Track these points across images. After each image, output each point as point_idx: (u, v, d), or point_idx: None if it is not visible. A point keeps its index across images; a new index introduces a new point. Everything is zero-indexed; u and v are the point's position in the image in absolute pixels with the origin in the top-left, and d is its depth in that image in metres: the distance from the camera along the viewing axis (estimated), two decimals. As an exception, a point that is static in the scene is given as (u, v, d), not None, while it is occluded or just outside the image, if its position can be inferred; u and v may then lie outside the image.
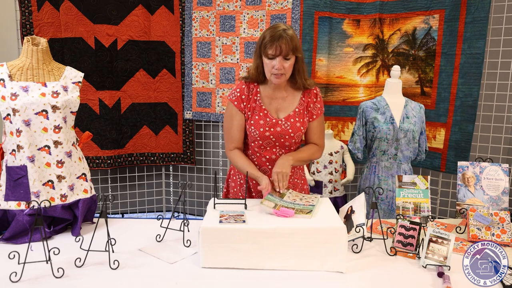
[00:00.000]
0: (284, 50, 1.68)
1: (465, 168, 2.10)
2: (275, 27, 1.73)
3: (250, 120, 1.85)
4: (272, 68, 1.73)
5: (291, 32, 1.71)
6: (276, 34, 1.68)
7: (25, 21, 3.05)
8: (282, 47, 1.67)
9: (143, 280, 1.42)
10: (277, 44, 1.67)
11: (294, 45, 1.70)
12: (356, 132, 2.60)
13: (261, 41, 1.74)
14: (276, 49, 1.68)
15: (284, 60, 1.71)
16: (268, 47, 1.70)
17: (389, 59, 3.21)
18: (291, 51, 1.70)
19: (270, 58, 1.71)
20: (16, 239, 1.72)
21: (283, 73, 1.73)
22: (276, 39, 1.67)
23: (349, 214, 1.74)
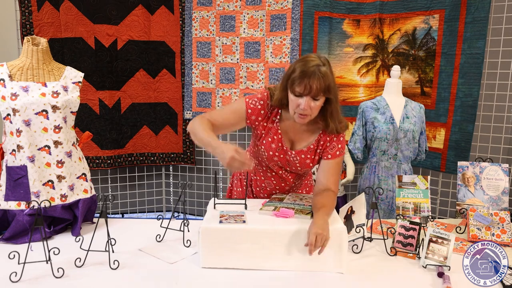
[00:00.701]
0: (314, 90, 1.45)
1: (465, 168, 2.11)
2: (307, 60, 1.48)
3: (263, 139, 1.69)
4: (297, 106, 1.50)
5: (325, 69, 1.47)
6: (308, 70, 1.45)
7: (25, 21, 3.05)
8: (313, 86, 1.45)
9: (143, 280, 1.42)
10: (307, 82, 1.45)
11: (326, 85, 1.46)
12: (356, 132, 2.60)
13: (289, 73, 1.52)
14: (305, 88, 1.45)
15: (312, 100, 1.48)
16: (296, 83, 1.47)
17: (389, 59, 3.21)
18: (321, 92, 1.47)
19: (296, 95, 1.49)
20: (16, 239, 1.72)
21: (309, 114, 1.51)
22: (306, 76, 1.45)
23: (349, 214, 1.74)
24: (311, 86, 1.45)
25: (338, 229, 1.49)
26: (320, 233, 1.39)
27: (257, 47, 3.27)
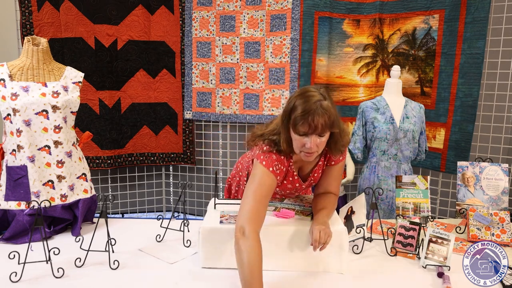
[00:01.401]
0: (320, 128, 1.38)
1: (465, 168, 2.11)
2: (308, 96, 1.41)
3: (278, 183, 1.60)
4: (302, 146, 1.43)
5: (327, 103, 1.40)
6: (310, 108, 1.37)
7: (25, 21, 3.05)
8: (317, 124, 1.37)
9: (143, 280, 1.42)
10: (311, 121, 1.37)
11: (331, 121, 1.40)
12: (356, 132, 2.60)
13: (289, 111, 1.44)
14: (309, 127, 1.38)
15: (318, 137, 1.41)
16: (299, 123, 1.39)
17: (389, 59, 3.21)
18: (327, 128, 1.41)
19: (301, 135, 1.42)
20: (16, 239, 1.72)
21: (316, 151, 1.44)
22: (310, 114, 1.37)
23: (349, 215, 1.74)
24: (316, 124, 1.37)
25: (339, 230, 1.49)
26: (324, 229, 1.41)
27: (257, 47, 3.27)
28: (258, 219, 1.39)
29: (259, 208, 1.41)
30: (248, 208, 1.40)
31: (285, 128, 1.47)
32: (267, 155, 1.51)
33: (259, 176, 1.48)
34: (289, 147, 1.50)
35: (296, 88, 3.21)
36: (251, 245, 1.30)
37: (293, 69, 3.21)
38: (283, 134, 1.49)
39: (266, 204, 1.47)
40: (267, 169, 1.49)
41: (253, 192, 1.44)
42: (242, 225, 1.35)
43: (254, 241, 1.32)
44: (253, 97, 3.33)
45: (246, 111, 3.36)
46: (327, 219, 1.51)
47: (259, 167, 1.49)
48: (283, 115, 1.48)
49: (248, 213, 1.38)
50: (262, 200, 1.44)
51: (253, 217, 1.38)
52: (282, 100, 3.26)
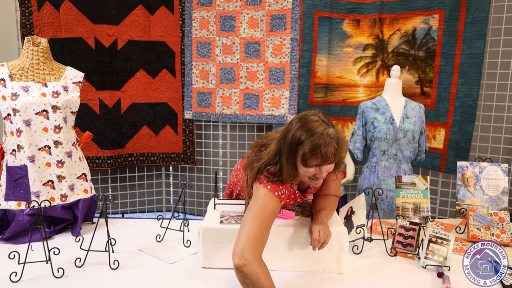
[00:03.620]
0: (332, 157, 1.36)
1: (464, 168, 2.11)
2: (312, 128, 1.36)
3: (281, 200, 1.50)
4: (313, 175, 1.41)
5: (332, 130, 1.37)
6: (319, 142, 1.33)
7: (25, 21, 3.05)
8: (329, 155, 1.35)
9: (143, 280, 1.42)
10: (323, 154, 1.34)
11: (339, 151, 1.38)
12: (356, 132, 2.60)
13: (294, 145, 1.38)
14: (322, 159, 1.35)
15: (326, 166, 1.39)
16: (310, 158, 1.35)
17: (389, 59, 3.21)
18: (338, 154, 1.38)
19: (311, 166, 1.38)
20: (16, 239, 1.72)
21: (322, 178, 1.43)
22: (320, 148, 1.34)
23: (349, 215, 1.74)
24: (328, 155, 1.35)
25: (339, 230, 1.49)
26: (323, 228, 1.40)
27: (257, 47, 3.27)
28: (260, 244, 1.30)
29: (261, 232, 1.32)
30: (249, 231, 1.30)
31: (290, 163, 1.41)
32: (271, 182, 1.44)
33: (262, 198, 1.40)
34: (292, 177, 1.44)
35: (296, 88, 3.21)
36: (258, 271, 1.23)
37: (293, 69, 3.21)
38: (287, 168, 1.42)
39: (269, 229, 1.36)
40: (272, 193, 1.42)
41: (256, 215, 1.34)
42: (243, 249, 1.25)
43: (259, 267, 1.24)
44: (253, 97, 3.33)
45: (246, 111, 3.36)
46: (326, 219, 1.51)
47: (263, 190, 1.42)
48: (286, 148, 1.41)
49: (249, 236, 1.28)
50: (267, 224, 1.35)
51: (255, 241, 1.28)
52: (282, 100, 3.27)
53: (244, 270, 1.23)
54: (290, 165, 1.41)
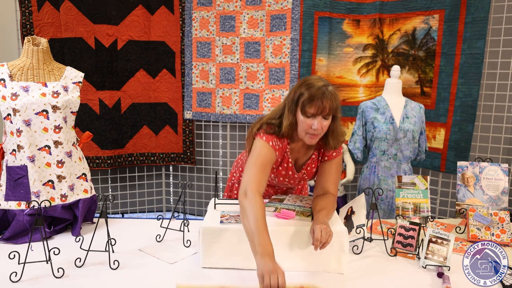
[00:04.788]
0: (327, 109, 1.51)
1: (464, 168, 2.11)
2: (313, 83, 1.54)
3: (274, 168, 1.70)
4: (309, 127, 1.54)
5: (332, 88, 1.54)
6: (318, 91, 1.51)
7: (25, 21, 3.05)
8: (326, 106, 1.50)
9: (143, 280, 1.42)
10: (320, 103, 1.50)
11: (337, 104, 1.54)
12: (356, 132, 2.60)
13: (296, 97, 1.56)
14: (318, 108, 1.50)
15: (323, 119, 1.53)
16: (307, 105, 1.51)
17: (389, 59, 3.21)
18: (333, 111, 1.54)
19: (308, 116, 1.53)
20: (16, 239, 1.72)
21: (320, 133, 1.56)
22: (318, 97, 1.50)
23: (349, 215, 1.74)
24: (324, 106, 1.50)
25: (339, 230, 1.49)
26: (325, 228, 1.43)
27: (257, 47, 3.27)
28: (259, 184, 1.51)
29: (260, 175, 1.53)
30: (249, 175, 1.52)
31: (292, 113, 1.58)
32: (267, 133, 1.63)
33: (259, 148, 1.59)
34: (290, 131, 1.61)
35: (296, 88, 3.21)
36: (254, 202, 1.42)
37: (293, 69, 3.21)
38: (288, 119, 1.59)
39: (267, 173, 1.57)
40: (267, 142, 1.60)
41: (254, 162, 1.55)
42: (245, 189, 1.48)
43: (256, 199, 1.44)
44: (253, 97, 3.33)
45: (246, 111, 3.36)
46: (327, 219, 1.52)
47: (259, 141, 1.61)
48: (289, 102, 1.60)
49: (250, 180, 1.50)
50: (263, 168, 1.55)
51: (255, 182, 1.50)
52: (282, 100, 3.27)
53: (244, 203, 1.44)
54: (291, 115, 1.59)
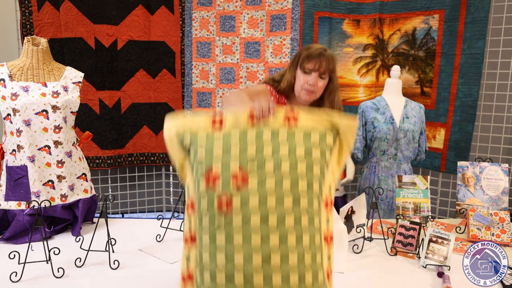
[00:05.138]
0: (324, 67, 1.66)
1: (465, 168, 2.11)
2: (312, 45, 1.73)
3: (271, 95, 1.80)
4: (305, 83, 1.68)
5: (330, 52, 1.70)
6: (317, 51, 1.67)
7: (25, 21, 3.05)
8: (322, 63, 1.65)
9: (143, 280, 1.42)
10: (317, 60, 1.65)
11: (333, 65, 1.68)
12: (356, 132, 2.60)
13: (297, 56, 1.72)
14: (315, 64, 1.66)
15: (319, 78, 1.68)
16: (306, 62, 1.67)
17: (389, 59, 3.21)
18: (328, 71, 1.68)
19: (306, 72, 1.68)
20: (16, 239, 1.72)
21: (315, 90, 1.69)
22: (316, 55, 1.66)
23: (349, 215, 1.74)
24: (321, 63, 1.65)
25: (339, 229, 1.49)
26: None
27: (257, 47, 3.27)
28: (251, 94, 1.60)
29: (252, 90, 1.68)
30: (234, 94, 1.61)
31: (291, 72, 1.73)
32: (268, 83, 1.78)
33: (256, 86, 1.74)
34: (288, 88, 1.75)
35: (296, 88, 3.21)
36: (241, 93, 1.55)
37: (293, 69, 3.21)
38: (287, 75, 1.74)
39: (259, 93, 1.70)
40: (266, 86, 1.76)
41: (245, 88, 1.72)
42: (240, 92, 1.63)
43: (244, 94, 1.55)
44: (253, 97, 3.33)
45: (246, 111, 3.35)
46: None
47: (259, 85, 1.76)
48: (291, 62, 1.75)
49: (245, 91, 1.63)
50: (254, 89, 1.72)
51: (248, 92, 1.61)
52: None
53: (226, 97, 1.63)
54: (290, 73, 1.72)
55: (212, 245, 1.00)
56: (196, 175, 1.06)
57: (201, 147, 1.06)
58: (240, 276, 0.96)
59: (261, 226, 0.98)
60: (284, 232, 0.98)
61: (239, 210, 0.99)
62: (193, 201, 1.07)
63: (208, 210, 1.02)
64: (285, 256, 0.97)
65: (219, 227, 0.99)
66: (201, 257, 1.02)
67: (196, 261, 1.04)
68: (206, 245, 1.01)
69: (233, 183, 1.00)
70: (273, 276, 0.97)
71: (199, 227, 1.03)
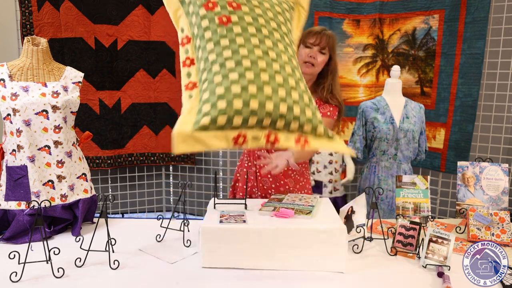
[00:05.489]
0: (323, 42, 1.83)
1: (465, 168, 2.11)
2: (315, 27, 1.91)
3: None
4: (307, 55, 1.84)
5: (331, 32, 1.87)
6: (318, 29, 1.87)
7: (25, 21, 3.05)
8: (322, 39, 1.83)
9: (143, 280, 1.42)
10: (318, 35, 1.83)
11: (332, 43, 1.85)
12: (356, 132, 2.60)
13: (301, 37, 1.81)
14: (316, 39, 1.83)
15: (319, 53, 1.84)
16: (308, 37, 1.84)
17: (389, 59, 3.21)
18: (328, 47, 1.84)
19: (307, 46, 1.84)
20: (16, 239, 1.72)
21: (314, 63, 1.84)
22: (318, 31, 1.84)
23: (349, 215, 1.74)
24: (322, 38, 1.82)
25: (338, 229, 1.49)
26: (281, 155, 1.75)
27: (257, 47, 3.27)
28: None
29: None
30: None
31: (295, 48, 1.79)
32: None
33: None
34: None
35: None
36: None
37: (293, 69, 3.21)
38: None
39: None
40: None
41: None
42: None
43: None
44: (253, 97, 3.33)
45: (246, 111, 3.36)
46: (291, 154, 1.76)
47: None
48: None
49: None
50: None
51: None
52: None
53: None
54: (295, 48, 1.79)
55: (217, 47, 1.25)
56: (194, 8, 1.34)
57: None
58: (247, 61, 1.23)
59: (257, 34, 1.28)
60: (274, 41, 1.32)
61: (238, 22, 1.28)
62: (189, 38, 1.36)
63: (209, 27, 1.28)
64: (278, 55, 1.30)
65: (222, 35, 1.26)
66: (206, 60, 1.26)
67: (198, 72, 1.30)
68: (210, 49, 1.26)
69: (229, 5, 1.30)
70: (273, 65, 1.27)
71: (201, 40, 1.29)
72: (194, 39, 1.33)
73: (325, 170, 3.07)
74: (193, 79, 1.30)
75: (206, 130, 1.17)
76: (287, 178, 2.00)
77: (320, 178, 3.07)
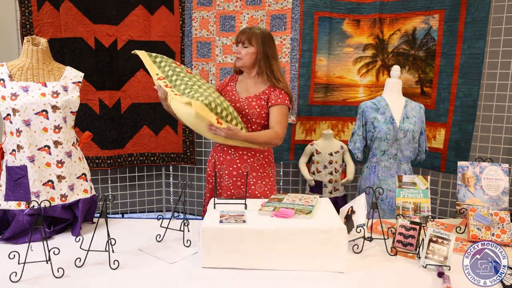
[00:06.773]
0: (244, 37, 2.11)
1: (465, 168, 2.11)
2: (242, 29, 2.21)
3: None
4: (236, 52, 2.17)
5: (255, 29, 2.12)
6: (243, 29, 2.16)
7: (25, 21, 3.05)
8: (243, 36, 2.12)
9: (143, 280, 1.42)
10: (240, 34, 2.14)
11: (250, 36, 2.10)
12: (356, 132, 2.60)
13: None
14: (238, 37, 2.15)
15: (243, 48, 2.12)
16: (237, 37, 2.16)
17: (389, 59, 3.21)
18: (246, 40, 2.10)
19: (237, 45, 2.16)
20: (16, 239, 1.72)
21: (241, 57, 2.13)
22: (241, 32, 2.14)
23: (349, 215, 1.74)
24: (242, 36, 2.12)
25: (339, 229, 1.49)
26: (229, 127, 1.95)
27: (257, 47, 3.28)
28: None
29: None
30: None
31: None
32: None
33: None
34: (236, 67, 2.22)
35: (296, 88, 3.21)
36: None
37: (293, 69, 3.21)
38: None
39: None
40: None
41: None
42: None
43: None
44: (253, 97, 3.34)
45: (246, 111, 3.37)
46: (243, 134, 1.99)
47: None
48: None
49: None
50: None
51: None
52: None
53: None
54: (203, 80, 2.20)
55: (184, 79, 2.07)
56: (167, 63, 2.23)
57: None
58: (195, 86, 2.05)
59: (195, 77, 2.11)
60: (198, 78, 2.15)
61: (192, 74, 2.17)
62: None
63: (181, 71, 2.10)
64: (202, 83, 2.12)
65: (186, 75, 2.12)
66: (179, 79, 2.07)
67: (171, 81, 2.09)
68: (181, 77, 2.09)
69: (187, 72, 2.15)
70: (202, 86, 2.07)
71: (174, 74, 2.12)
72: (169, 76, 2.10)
73: (325, 170, 3.06)
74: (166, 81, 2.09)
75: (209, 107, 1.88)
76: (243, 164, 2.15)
77: (320, 178, 3.07)
